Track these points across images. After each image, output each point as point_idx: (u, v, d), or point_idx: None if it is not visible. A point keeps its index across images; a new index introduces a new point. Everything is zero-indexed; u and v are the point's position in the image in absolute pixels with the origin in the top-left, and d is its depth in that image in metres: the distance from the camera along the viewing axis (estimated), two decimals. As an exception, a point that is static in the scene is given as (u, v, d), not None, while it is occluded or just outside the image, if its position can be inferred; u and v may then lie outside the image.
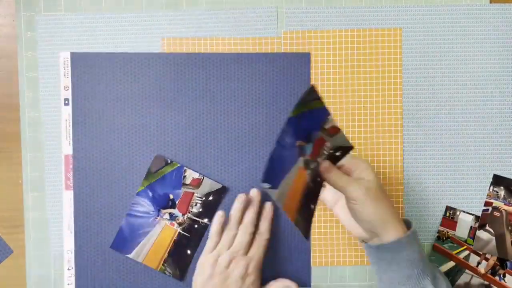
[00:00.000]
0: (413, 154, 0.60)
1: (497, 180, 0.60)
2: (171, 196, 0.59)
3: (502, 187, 0.60)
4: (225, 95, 0.60)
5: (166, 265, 0.59)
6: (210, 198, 0.59)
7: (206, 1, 0.60)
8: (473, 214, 0.60)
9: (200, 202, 0.59)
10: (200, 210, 0.59)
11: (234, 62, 0.59)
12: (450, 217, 0.60)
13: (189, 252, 0.59)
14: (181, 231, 0.59)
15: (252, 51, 0.60)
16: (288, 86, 0.60)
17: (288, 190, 0.50)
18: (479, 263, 0.59)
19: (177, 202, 0.59)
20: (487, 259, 0.59)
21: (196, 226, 0.59)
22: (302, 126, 0.50)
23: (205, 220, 0.59)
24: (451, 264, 0.60)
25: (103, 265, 0.59)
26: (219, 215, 0.57)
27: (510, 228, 0.59)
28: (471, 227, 0.60)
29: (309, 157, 0.51)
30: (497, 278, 0.59)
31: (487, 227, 0.59)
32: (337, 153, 0.53)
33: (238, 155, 0.60)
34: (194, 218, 0.59)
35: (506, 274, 0.59)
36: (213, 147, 0.60)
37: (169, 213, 0.59)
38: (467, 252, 0.60)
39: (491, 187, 0.60)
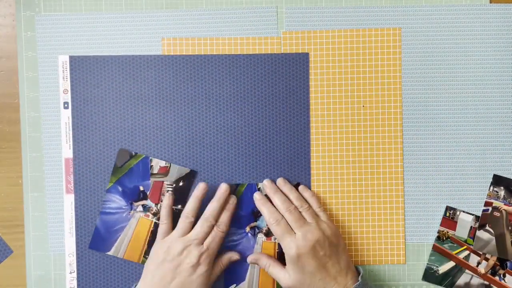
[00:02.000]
0: (413, 154, 0.60)
1: (497, 180, 0.60)
2: (141, 188, 0.59)
3: (502, 187, 0.60)
4: (224, 96, 0.60)
5: (147, 256, 0.59)
6: (181, 183, 0.59)
7: (206, 1, 0.60)
8: (473, 214, 0.60)
9: (171, 189, 0.59)
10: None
11: (233, 63, 0.59)
12: (450, 217, 0.60)
13: None
14: (156, 221, 0.59)
15: (252, 51, 0.60)
16: (288, 86, 0.60)
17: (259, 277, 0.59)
18: (479, 263, 0.59)
19: (148, 193, 0.59)
20: (487, 259, 0.59)
21: None
22: (240, 214, 0.59)
23: (179, 207, 0.59)
24: (451, 264, 0.60)
25: (105, 268, 0.59)
26: (166, 197, 0.58)
27: (510, 228, 0.59)
28: (471, 227, 0.60)
29: (267, 228, 0.58)
30: (497, 278, 0.59)
31: (487, 227, 0.59)
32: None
33: (237, 155, 0.60)
34: None
35: (506, 274, 0.59)
36: (212, 148, 0.60)
37: (142, 205, 0.59)
38: (467, 252, 0.60)
39: (491, 187, 0.60)
